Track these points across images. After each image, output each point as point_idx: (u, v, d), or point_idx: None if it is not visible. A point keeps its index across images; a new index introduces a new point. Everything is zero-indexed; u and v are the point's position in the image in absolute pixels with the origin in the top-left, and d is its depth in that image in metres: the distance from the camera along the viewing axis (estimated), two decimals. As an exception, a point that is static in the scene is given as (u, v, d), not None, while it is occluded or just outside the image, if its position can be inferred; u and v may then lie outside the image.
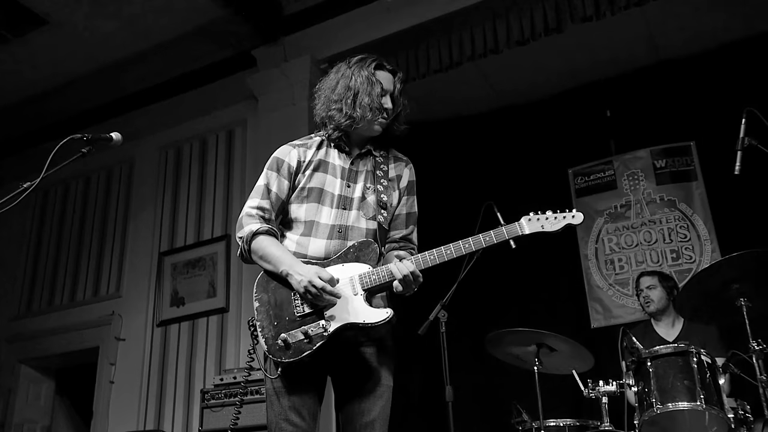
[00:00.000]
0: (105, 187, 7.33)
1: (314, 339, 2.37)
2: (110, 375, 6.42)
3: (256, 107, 6.37)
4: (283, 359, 2.38)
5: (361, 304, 2.41)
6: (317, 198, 2.59)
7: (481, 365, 5.68)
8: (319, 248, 2.53)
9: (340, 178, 2.63)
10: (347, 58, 2.75)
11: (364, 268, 2.46)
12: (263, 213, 2.59)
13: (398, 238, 2.72)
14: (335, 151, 2.69)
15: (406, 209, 2.75)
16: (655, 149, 6.06)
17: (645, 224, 5.94)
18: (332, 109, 2.63)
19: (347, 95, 2.61)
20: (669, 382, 3.47)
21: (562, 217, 2.44)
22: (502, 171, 6.34)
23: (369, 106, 2.59)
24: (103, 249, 7.05)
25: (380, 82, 2.64)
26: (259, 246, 2.51)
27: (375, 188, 2.65)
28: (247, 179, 6.34)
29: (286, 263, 2.44)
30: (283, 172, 2.64)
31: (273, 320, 2.45)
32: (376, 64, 2.68)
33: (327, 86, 2.70)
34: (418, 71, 5.75)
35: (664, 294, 4.68)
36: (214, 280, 6.19)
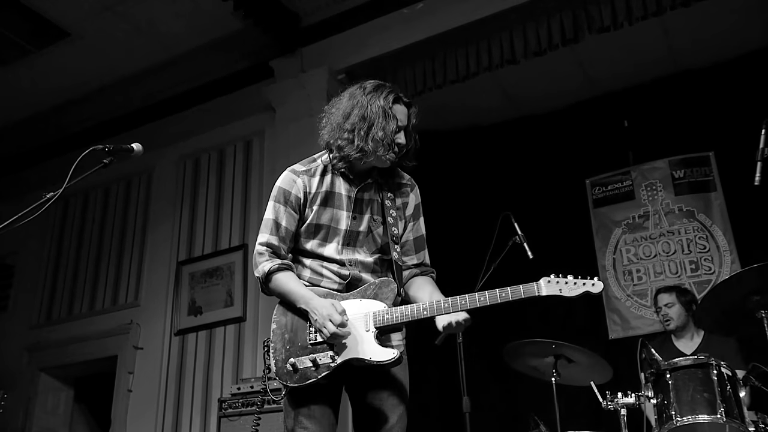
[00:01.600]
0: (124, 197, 7.38)
1: (321, 368, 2.40)
2: (128, 383, 6.45)
3: (273, 118, 6.39)
4: (289, 383, 2.42)
5: (371, 341, 2.42)
6: (324, 236, 2.59)
7: (498, 376, 5.65)
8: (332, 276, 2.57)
9: (346, 210, 2.60)
10: (361, 84, 2.65)
11: (380, 306, 2.47)
12: (273, 249, 2.57)
13: (413, 265, 2.71)
14: (340, 180, 2.62)
15: (413, 234, 2.73)
16: (673, 159, 6.03)
17: (663, 235, 5.90)
18: (343, 138, 2.54)
19: (361, 126, 2.52)
20: (689, 394, 3.44)
21: (582, 283, 2.44)
22: (519, 181, 6.32)
23: (382, 141, 2.51)
24: (122, 258, 7.10)
25: (396, 116, 2.55)
26: (275, 285, 2.53)
27: (384, 221, 2.62)
28: (265, 189, 6.35)
29: (302, 300, 2.47)
30: (291, 204, 2.60)
31: (286, 344, 2.48)
32: (394, 97, 2.58)
33: (339, 112, 2.60)
34: (435, 81, 5.76)
35: (683, 310, 4.63)
36: (231, 289, 6.21)
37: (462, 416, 3.59)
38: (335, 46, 6.19)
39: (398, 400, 2.51)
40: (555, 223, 6.02)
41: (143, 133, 6.88)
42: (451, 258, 2.84)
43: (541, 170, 6.32)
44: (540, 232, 5.00)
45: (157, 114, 7.18)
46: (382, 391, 2.49)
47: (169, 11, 6.12)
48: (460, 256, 2.89)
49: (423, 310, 2.42)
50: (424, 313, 2.42)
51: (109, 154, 2.67)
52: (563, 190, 6.23)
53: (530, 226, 4.46)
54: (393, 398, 2.50)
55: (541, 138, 6.47)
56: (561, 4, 5.30)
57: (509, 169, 6.43)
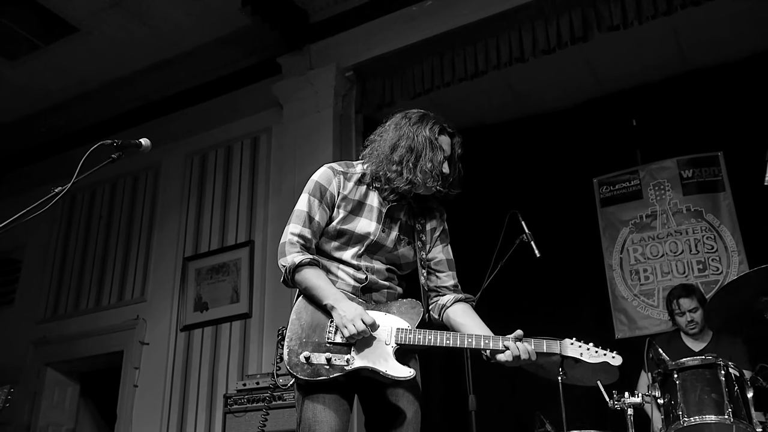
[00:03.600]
0: (131, 192, 7.40)
1: (334, 368, 2.39)
2: (134, 379, 6.47)
3: (281, 115, 6.40)
4: (299, 375, 2.39)
5: (389, 356, 2.42)
6: (346, 242, 2.60)
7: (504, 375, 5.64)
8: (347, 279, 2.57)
9: (376, 222, 2.61)
10: (406, 113, 2.67)
11: (404, 324, 2.48)
12: (305, 242, 2.56)
13: (452, 286, 2.71)
14: (374, 193, 2.64)
15: (445, 255, 2.74)
16: (681, 159, 6.00)
17: (671, 235, 5.88)
18: (392, 171, 2.55)
19: (408, 157, 2.54)
20: (696, 394, 3.43)
21: (603, 354, 2.47)
22: (526, 180, 6.31)
23: (431, 173, 2.54)
24: (128, 254, 7.12)
25: (442, 147, 2.59)
26: (303, 278, 2.51)
27: (413, 244, 2.65)
28: (271, 186, 6.37)
29: (332, 297, 2.46)
30: (326, 200, 2.60)
31: (302, 337, 2.46)
32: (440, 128, 2.61)
33: (386, 144, 2.61)
34: (443, 80, 5.75)
35: (703, 313, 4.56)
36: (237, 285, 6.22)
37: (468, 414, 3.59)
38: (343, 43, 6.19)
39: (413, 396, 2.52)
40: (562, 222, 6.01)
41: (151, 129, 6.89)
42: (457, 256, 2.83)
43: (549, 169, 6.31)
44: (547, 231, 5.00)
45: (164, 110, 7.19)
46: (397, 388, 2.50)
47: (178, 7, 6.13)
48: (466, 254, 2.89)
49: (446, 340, 2.43)
50: (447, 342, 2.43)
51: (117, 149, 2.67)
52: (570, 189, 6.21)
53: (537, 225, 4.46)
54: (408, 394, 2.51)
55: (548, 136, 6.46)
56: (570, 2, 5.28)
57: (516, 168, 6.42)
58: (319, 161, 6.12)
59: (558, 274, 5.77)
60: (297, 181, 5.81)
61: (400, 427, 2.47)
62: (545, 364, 4.23)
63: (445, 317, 2.65)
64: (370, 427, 2.57)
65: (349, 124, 6.18)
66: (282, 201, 5.96)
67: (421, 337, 2.44)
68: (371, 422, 2.57)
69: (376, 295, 2.59)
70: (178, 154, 7.14)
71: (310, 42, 6.29)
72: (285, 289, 5.40)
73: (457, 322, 2.60)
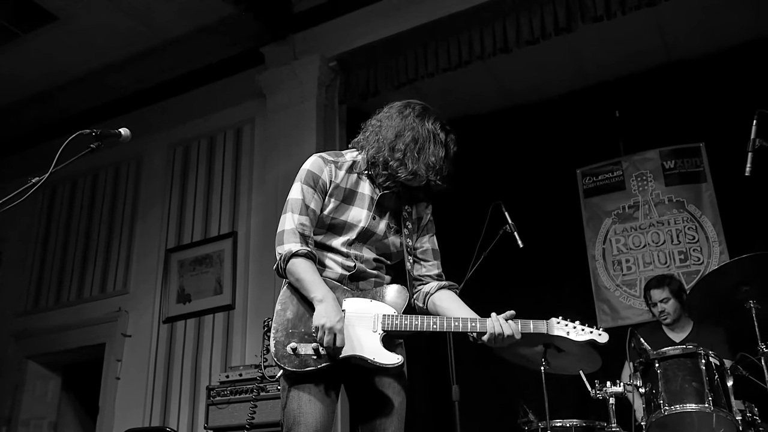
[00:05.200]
0: (113, 183, 7.35)
1: (322, 358, 2.39)
2: (116, 371, 6.44)
3: (264, 105, 6.37)
4: (287, 366, 2.39)
5: (376, 343, 2.43)
6: (337, 231, 2.60)
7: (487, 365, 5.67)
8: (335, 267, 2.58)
9: (367, 209, 2.63)
10: (409, 103, 2.68)
11: (390, 310, 2.49)
12: (304, 230, 2.55)
13: (435, 275, 2.74)
14: (365, 182, 2.66)
15: (430, 245, 2.76)
16: (664, 150, 6.04)
17: (653, 225, 5.92)
18: (394, 159, 2.56)
19: (412, 148, 2.55)
20: (677, 383, 3.46)
21: (589, 331, 2.48)
22: (509, 171, 6.32)
23: (433, 167, 2.56)
24: (110, 245, 7.07)
25: (445, 143, 2.61)
26: (296, 269, 2.49)
27: (400, 231, 2.67)
28: (255, 177, 6.34)
29: (320, 292, 2.44)
30: (319, 188, 2.60)
31: (289, 327, 2.46)
32: (440, 124, 2.63)
33: (391, 129, 2.61)
34: (427, 69, 5.74)
35: (677, 303, 4.62)
36: (220, 277, 6.20)
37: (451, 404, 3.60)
38: (327, 33, 6.16)
39: (400, 385, 2.54)
40: (546, 212, 6.03)
41: (133, 120, 6.84)
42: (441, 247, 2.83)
43: (533, 160, 6.32)
44: (531, 222, 5.01)
45: (146, 100, 7.14)
46: (384, 377, 2.51)
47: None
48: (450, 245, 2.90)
49: (433, 324, 2.45)
50: (434, 327, 2.45)
51: (96, 138, 2.65)
52: (554, 180, 6.23)
53: (521, 216, 4.48)
54: (395, 383, 2.52)
55: (532, 127, 6.47)
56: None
57: (500, 159, 6.43)
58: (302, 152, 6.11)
59: (541, 264, 5.79)
60: (281, 172, 5.80)
61: (387, 416, 2.48)
62: (528, 354, 4.25)
63: (430, 304, 2.67)
64: (355, 416, 2.58)
65: (333, 115, 6.17)
66: (266, 192, 5.94)
67: (407, 323, 2.45)
68: (357, 411, 2.57)
69: (363, 284, 2.59)
70: (160, 145, 7.09)
71: (294, 32, 6.26)
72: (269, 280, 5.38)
73: (443, 308, 2.62)
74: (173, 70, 6.89)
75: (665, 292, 4.64)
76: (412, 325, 2.45)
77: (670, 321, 4.64)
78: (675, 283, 4.74)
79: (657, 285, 4.72)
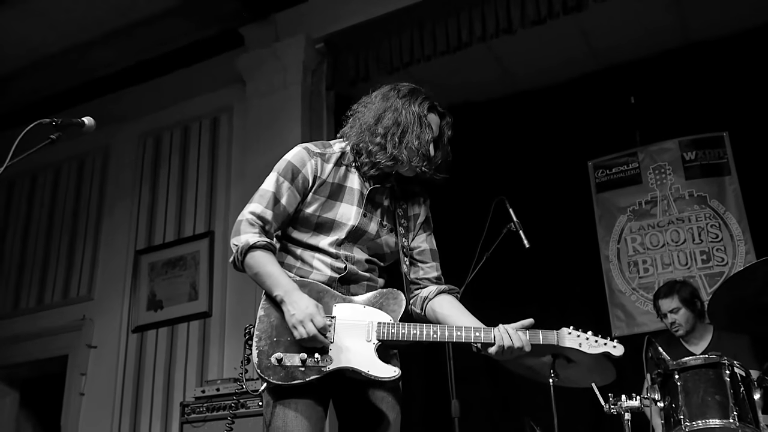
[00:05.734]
0: (77, 178, 7.33)
1: (310, 370, 2.37)
2: (80, 386, 6.42)
3: (243, 92, 6.37)
4: (272, 379, 2.37)
5: (371, 353, 2.41)
6: (325, 230, 2.59)
7: (490, 377, 5.68)
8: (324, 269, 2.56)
9: (357, 206, 2.62)
10: (395, 85, 2.69)
11: (385, 317, 2.48)
12: (264, 224, 2.54)
13: (434, 278, 2.74)
14: (354, 174, 2.65)
15: (428, 245, 2.77)
16: (684, 140, 6.05)
17: (672, 222, 5.94)
18: (374, 143, 2.57)
19: (394, 131, 2.56)
20: (699, 396, 3.46)
21: (603, 343, 2.49)
22: (515, 163, 6.33)
23: (417, 151, 2.56)
24: (74, 247, 7.05)
25: (431, 126, 2.61)
26: (255, 262, 2.48)
27: (396, 231, 2.67)
28: (234, 171, 6.34)
29: (282, 288, 2.43)
30: (297, 183, 2.58)
31: (273, 336, 2.43)
32: (428, 105, 2.63)
33: (370, 113, 2.63)
34: (423, 52, 5.74)
35: (690, 313, 4.58)
36: (195, 281, 6.19)
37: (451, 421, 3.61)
38: (313, 11, 6.15)
39: (395, 400, 2.54)
40: (554, 209, 6.04)
41: (98, 108, 6.82)
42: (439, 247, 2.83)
43: (539, 151, 6.33)
44: (537, 219, 5.02)
45: (113, 86, 7.11)
46: (377, 391, 2.51)
47: (127, -29, 6.05)
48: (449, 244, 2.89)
49: (433, 333, 2.44)
50: (434, 336, 2.44)
51: (57, 128, 2.64)
52: (563, 173, 6.24)
53: (526, 212, 4.47)
54: (389, 398, 2.53)
55: (539, 115, 6.48)
56: (563, -33, 5.29)
57: (504, 150, 6.44)
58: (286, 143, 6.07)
59: (549, 266, 5.80)
60: (262, 165, 5.75)
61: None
62: (535, 365, 4.25)
63: (428, 310, 2.66)
64: None
65: (320, 102, 6.16)
66: (245, 187, 5.92)
67: (405, 332, 2.44)
68: (348, 428, 2.57)
69: (354, 287, 2.58)
70: (129, 136, 7.08)
71: (276, 10, 6.25)
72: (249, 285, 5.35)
73: (443, 315, 2.61)
74: (142, 53, 6.85)
75: (674, 301, 4.60)
76: (410, 335, 2.44)
77: (683, 333, 4.60)
78: (686, 290, 4.68)
79: (665, 294, 4.68)
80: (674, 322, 4.60)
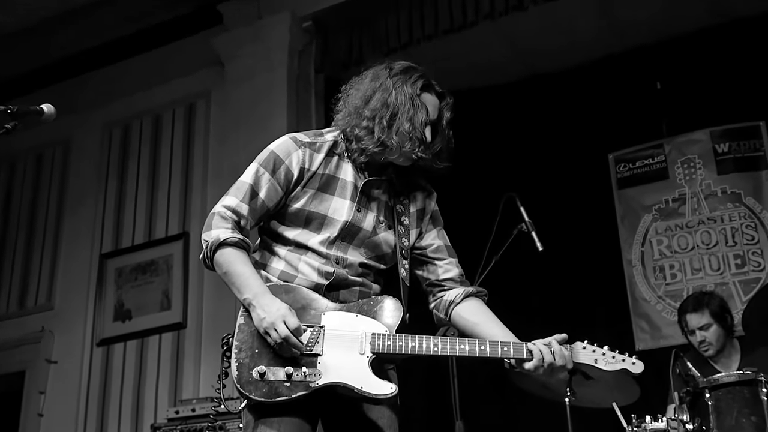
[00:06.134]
0: (34, 173, 7.31)
1: (296, 386, 2.36)
2: (39, 406, 6.41)
3: (222, 76, 6.37)
4: (253, 395, 2.35)
5: (364, 368, 2.40)
6: (315, 227, 2.58)
7: (499, 395, 5.68)
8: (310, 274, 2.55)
9: (350, 200, 2.61)
10: (388, 63, 2.66)
11: (380, 327, 2.47)
12: (239, 219, 2.53)
13: (457, 276, 2.73)
14: (348, 165, 2.64)
15: (442, 240, 2.76)
16: (715, 130, 6.07)
17: (703, 223, 5.95)
18: (361, 127, 2.56)
19: (383, 114, 2.54)
20: (732, 417, 3.48)
21: (621, 359, 2.50)
22: (526, 155, 6.34)
23: (409, 135, 2.52)
24: (31, 250, 7.04)
25: (425, 106, 2.59)
26: (225, 260, 2.48)
27: (394, 228, 2.66)
28: (211, 164, 6.33)
29: (251, 291, 2.43)
30: (279, 176, 2.57)
31: (255, 347, 2.42)
32: (423, 84, 2.61)
33: (359, 93, 2.62)
34: (424, 32, 5.74)
35: (720, 329, 4.52)
36: (168, 288, 6.19)
37: (454, 445, 3.61)
38: (300, -15, 6.16)
39: (393, 418, 2.53)
40: (570, 207, 6.05)
41: (59, 93, 6.83)
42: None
43: (554, 142, 6.34)
44: (552, 219, 5.02)
45: (75, 69, 7.11)
46: (373, 407, 2.50)
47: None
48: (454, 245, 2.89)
49: (434, 347, 2.43)
50: (434, 350, 2.43)
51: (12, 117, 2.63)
52: (581, 167, 6.25)
53: (539, 211, 4.48)
54: (387, 416, 2.52)
55: (553, 103, 6.48)
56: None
57: (514, 141, 6.45)
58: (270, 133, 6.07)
59: (565, 272, 5.81)
60: (243, 158, 5.72)
61: None
62: (550, 382, 4.26)
63: (455, 315, 2.66)
64: None
65: (308, 87, 6.17)
66: (224, 183, 5.84)
67: (402, 344, 2.43)
68: None
69: (345, 294, 2.57)
70: (93, 126, 7.07)
71: (259, -16, 6.26)
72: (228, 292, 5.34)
73: (472, 322, 2.62)
74: (109, 31, 6.85)
75: (705, 317, 4.52)
76: (408, 347, 2.42)
77: (713, 352, 4.54)
78: (715, 302, 4.60)
79: (694, 308, 4.59)
80: (704, 340, 4.52)
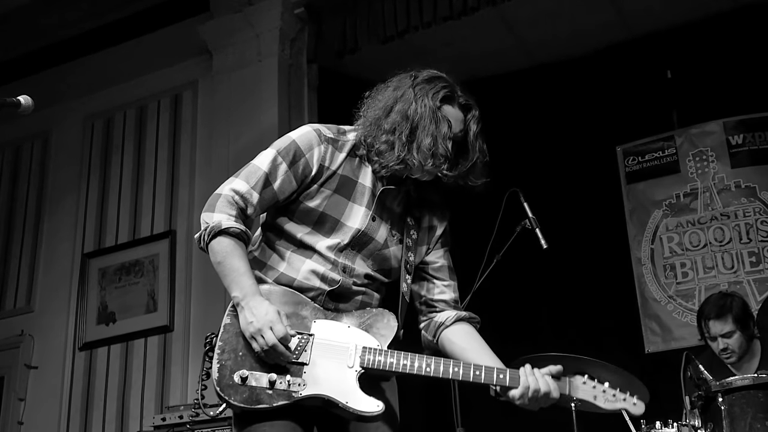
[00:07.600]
0: (12, 168, 7.31)
1: (278, 395, 2.36)
2: (19, 413, 6.41)
3: (210, 65, 6.37)
4: (232, 400, 2.35)
5: (352, 382, 2.40)
6: (326, 230, 2.57)
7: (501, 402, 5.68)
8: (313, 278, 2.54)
9: (366, 207, 2.60)
10: (414, 71, 2.65)
11: (371, 341, 2.46)
12: (245, 207, 2.50)
13: (452, 300, 2.73)
14: (368, 169, 2.62)
15: (446, 261, 2.75)
16: (729, 121, 6.07)
17: (716, 219, 5.95)
18: (381, 141, 2.53)
19: (403, 127, 2.51)
20: (746, 423, 3.48)
21: (622, 398, 2.54)
22: (530, 148, 6.34)
23: (431, 152, 2.50)
24: (9, 250, 7.04)
25: (447, 119, 2.56)
26: (221, 249, 2.46)
27: (403, 242, 2.65)
28: (198, 158, 6.32)
29: (242, 290, 2.42)
30: (297, 169, 2.54)
31: (239, 349, 2.41)
32: (445, 95, 2.58)
33: (380, 103, 2.60)
34: (422, 19, 5.73)
35: (743, 336, 4.47)
36: (154, 290, 6.19)
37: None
38: (292, -31, 6.15)
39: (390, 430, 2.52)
40: (576, 202, 6.05)
41: (37, 84, 6.83)
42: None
43: (559, 134, 6.34)
44: (557, 215, 5.03)
45: (55, 59, 7.10)
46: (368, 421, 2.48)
47: None
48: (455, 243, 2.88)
49: (427, 367, 2.43)
50: (428, 370, 2.42)
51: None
52: (587, 161, 6.25)
53: (544, 207, 4.48)
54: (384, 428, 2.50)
55: (559, 93, 6.48)
56: None
57: (518, 133, 6.44)
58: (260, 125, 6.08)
59: (571, 271, 5.81)
60: (232, 152, 5.78)
61: None
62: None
63: (443, 339, 2.65)
64: None
65: (301, 77, 6.16)
66: (212, 177, 5.91)
67: (393, 361, 2.42)
68: None
69: (344, 304, 2.56)
70: (74, 118, 7.06)
71: (248, -32, 6.25)
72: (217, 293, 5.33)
73: (460, 347, 2.61)
74: (90, 19, 6.84)
75: (728, 324, 4.46)
76: (399, 365, 2.42)
77: (736, 359, 4.52)
78: (737, 305, 4.54)
79: (717, 314, 4.51)
80: (726, 348, 4.49)
